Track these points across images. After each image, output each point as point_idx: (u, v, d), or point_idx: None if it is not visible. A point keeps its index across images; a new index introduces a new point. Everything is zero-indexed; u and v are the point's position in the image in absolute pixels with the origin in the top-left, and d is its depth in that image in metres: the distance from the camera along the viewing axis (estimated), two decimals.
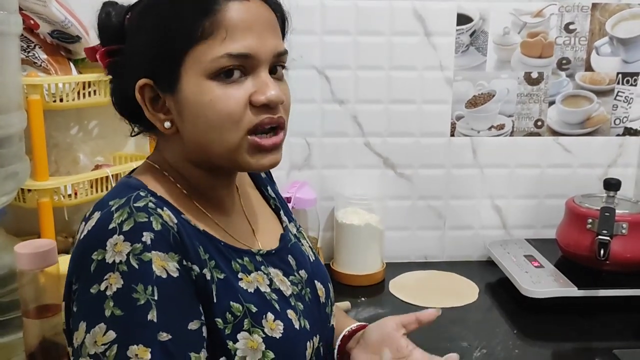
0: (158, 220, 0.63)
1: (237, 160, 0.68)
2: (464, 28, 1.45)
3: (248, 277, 0.71)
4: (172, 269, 0.62)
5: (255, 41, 0.66)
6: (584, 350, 1.16)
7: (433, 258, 1.56)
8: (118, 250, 0.60)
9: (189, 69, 0.65)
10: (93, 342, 0.59)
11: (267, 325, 0.69)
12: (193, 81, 0.65)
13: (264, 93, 0.67)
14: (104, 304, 0.59)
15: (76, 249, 0.64)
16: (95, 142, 1.36)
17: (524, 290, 1.26)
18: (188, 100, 0.66)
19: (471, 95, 1.49)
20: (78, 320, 0.61)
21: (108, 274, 0.60)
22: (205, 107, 0.65)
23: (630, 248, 1.28)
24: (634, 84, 1.50)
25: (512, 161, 1.53)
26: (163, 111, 0.68)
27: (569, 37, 1.47)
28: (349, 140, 1.48)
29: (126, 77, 0.68)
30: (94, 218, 0.64)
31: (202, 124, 0.66)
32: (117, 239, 0.60)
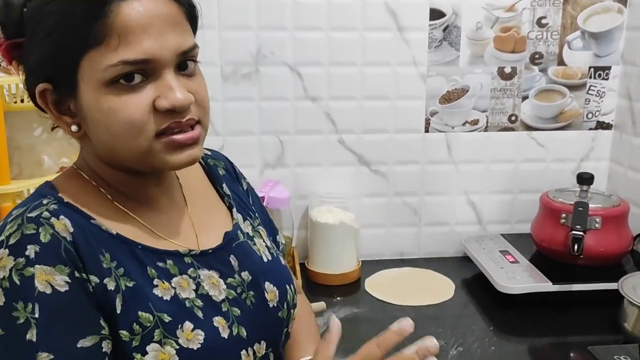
0: (48, 231, 0.60)
1: (152, 162, 0.65)
2: (437, 23, 1.44)
3: (164, 284, 0.67)
4: (59, 282, 0.59)
5: (154, 43, 0.61)
6: (559, 345, 1.16)
7: (409, 255, 1.55)
8: (2, 265, 0.58)
9: (85, 76, 0.62)
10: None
11: (182, 335, 0.65)
12: (90, 89, 0.62)
13: (167, 98, 0.62)
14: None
15: None
16: (60, 144, 1.32)
17: (499, 287, 1.26)
18: (88, 107, 0.63)
19: (445, 90, 1.48)
20: None
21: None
22: (105, 116, 0.62)
23: (603, 242, 1.29)
24: (605, 78, 1.51)
25: (486, 156, 1.52)
26: (69, 114, 0.65)
27: (541, 31, 1.47)
28: (322, 137, 1.47)
29: (26, 79, 0.66)
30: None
31: (105, 132, 0.63)
32: (2, 253, 0.59)
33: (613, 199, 1.36)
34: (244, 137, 1.44)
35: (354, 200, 1.45)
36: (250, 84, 1.41)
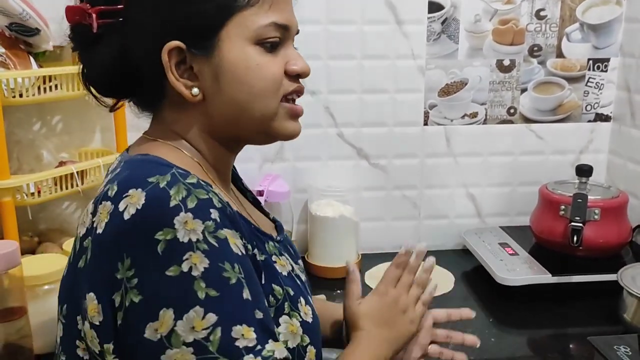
0: (216, 197, 0.59)
1: (271, 127, 0.67)
2: (436, 16, 1.44)
3: (281, 260, 0.69)
4: (240, 246, 0.59)
5: (291, 14, 0.68)
6: (559, 337, 1.16)
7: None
8: (190, 228, 0.55)
9: (232, 34, 0.63)
10: (190, 328, 0.53)
11: (302, 309, 0.67)
12: (238, 46, 0.63)
13: (297, 64, 0.68)
14: (194, 285, 0.53)
15: (119, 230, 0.56)
16: (60, 138, 1.32)
17: (499, 278, 1.26)
18: (231, 64, 0.64)
19: (444, 83, 1.48)
20: (155, 309, 0.53)
21: (187, 254, 0.54)
22: (251, 72, 0.64)
23: (602, 234, 1.29)
24: (604, 70, 1.51)
25: (485, 149, 1.52)
26: (187, 76, 0.65)
27: (539, 23, 1.47)
28: (321, 131, 1.47)
29: (133, 42, 0.63)
30: (134, 196, 0.56)
31: (245, 89, 0.64)
32: (186, 217, 0.55)
33: (612, 191, 1.37)
34: None
35: (353, 194, 1.45)
36: None
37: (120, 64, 0.65)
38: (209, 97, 0.65)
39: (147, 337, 0.54)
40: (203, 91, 0.65)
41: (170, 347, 0.53)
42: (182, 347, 0.53)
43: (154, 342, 0.53)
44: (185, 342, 0.53)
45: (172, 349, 0.53)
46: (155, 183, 0.57)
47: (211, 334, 0.53)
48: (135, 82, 0.66)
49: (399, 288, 0.78)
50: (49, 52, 1.23)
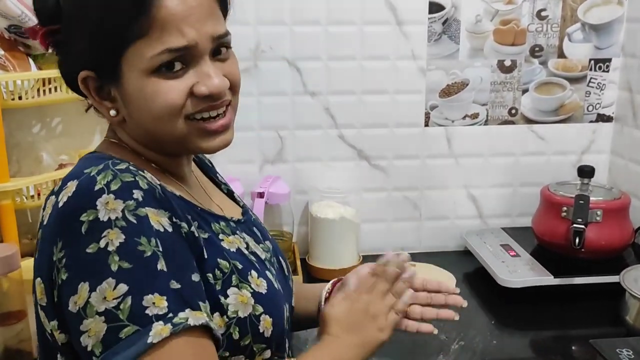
0: (143, 180, 0.63)
1: (187, 145, 0.70)
2: (436, 16, 1.43)
3: (228, 238, 0.73)
4: (165, 224, 0.62)
5: (194, 31, 0.65)
6: (561, 339, 1.16)
7: (410, 249, 1.55)
8: (111, 207, 0.59)
9: (130, 65, 0.65)
10: (102, 298, 0.57)
11: (252, 281, 0.70)
12: (134, 76, 0.65)
13: (206, 84, 0.67)
14: (108, 259, 0.58)
15: (55, 218, 0.62)
16: (59, 140, 1.31)
17: (501, 280, 1.25)
18: (132, 93, 0.67)
19: (444, 84, 1.47)
20: (75, 283, 0.58)
21: (106, 231, 0.58)
22: (148, 100, 0.66)
23: (604, 235, 1.29)
24: (606, 70, 1.50)
25: (486, 150, 1.52)
26: (109, 99, 0.69)
27: (541, 24, 1.46)
28: (322, 132, 1.46)
29: (68, 62, 0.69)
30: (70, 186, 0.62)
31: (146, 116, 0.67)
32: (108, 198, 0.59)
33: (614, 192, 1.36)
34: (243, 133, 1.44)
35: (354, 195, 1.45)
36: (249, 79, 1.40)
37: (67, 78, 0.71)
38: (127, 118, 0.70)
39: (70, 310, 0.59)
40: (121, 113, 0.69)
41: (86, 317, 0.58)
42: (95, 317, 0.57)
43: (74, 313, 0.58)
44: (97, 312, 0.57)
45: (87, 318, 0.58)
46: (88, 173, 0.62)
47: (121, 303, 0.57)
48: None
49: (372, 294, 0.78)
50: (48, 54, 1.22)
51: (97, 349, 0.57)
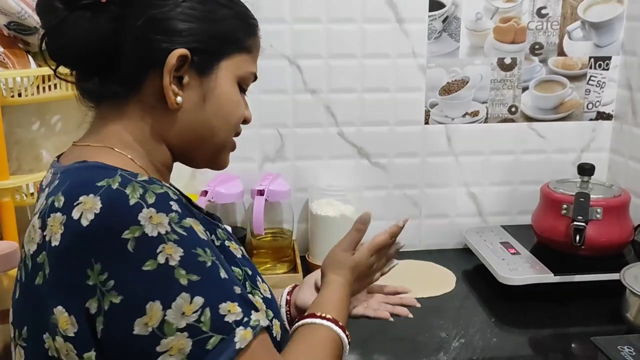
0: (170, 190, 0.61)
1: (218, 155, 0.73)
2: (437, 14, 1.43)
3: (232, 244, 0.73)
4: (203, 232, 0.62)
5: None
6: (561, 336, 1.16)
7: (410, 247, 1.55)
8: (156, 222, 0.56)
9: (227, 67, 0.69)
10: (180, 314, 0.55)
11: (260, 286, 0.72)
12: (228, 79, 0.69)
13: (249, 113, 0.75)
14: (174, 274, 0.55)
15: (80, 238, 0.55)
16: (59, 138, 1.31)
17: (501, 278, 1.25)
18: (221, 92, 0.69)
19: (445, 82, 1.47)
20: (139, 305, 0.54)
21: (160, 246, 0.55)
22: (232, 105, 0.70)
23: (605, 233, 1.29)
24: (606, 68, 1.50)
25: (486, 148, 1.52)
26: (176, 84, 0.66)
27: (541, 21, 1.46)
28: (322, 130, 1.46)
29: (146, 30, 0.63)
30: (87, 202, 0.56)
31: (222, 117, 0.70)
32: (149, 212, 0.56)
33: (614, 190, 1.36)
34: (243, 131, 1.40)
35: (354, 193, 1.44)
36: None
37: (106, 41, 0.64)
38: (186, 110, 0.67)
39: (137, 334, 0.55)
40: (184, 103, 0.67)
41: (164, 336, 0.55)
42: (176, 334, 0.55)
43: (146, 336, 0.54)
44: (178, 328, 0.55)
45: (167, 337, 0.55)
46: (107, 186, 0.57)
47: (201, 315, 0.56)
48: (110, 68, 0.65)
49: (377, 256, 0.88)
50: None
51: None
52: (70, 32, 0.64)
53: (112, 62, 0.65)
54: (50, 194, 0.60)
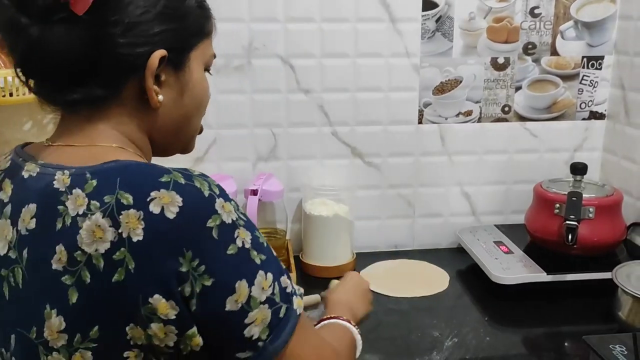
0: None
1: (191, 141, 0.78)
2: (430, 14, 1.43)
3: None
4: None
5: None
6: (554, 335, 1.16)
7: (403, 247, 1.55)
8: (227, 210, 0.62)
9: (196, 57, 0.72)
10: (260, 289, 0.63)
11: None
12: (200, 68, 0.74)
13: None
14: (250, 255, 0.63)
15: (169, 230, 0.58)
16: None
17: (494, 277, 1.26)
18: (195, 82, 0.73)
19: (438, 81, 1.47)
20: (230, 284, 0.61)
21: (236, 232, 0.62)
22: (203, 92, 0.75)
23: (597, 232, 1.29)
24: (598, 68, 1.51)
25: (480, 147, 1.52)
26: (157, 84, 0.69)
27: (534, 21, 1.47)
28: (315, 130, 1.46)
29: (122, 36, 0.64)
30: (162, 197, 0.59)
31: (197, 106, 0.75)
32: (221, 202, 0.62)
33: (606, 189, 1.36)
34: (237, 130, 1.43)
35: (347, 193, 1.44)
36: (242, 76, 1.39)
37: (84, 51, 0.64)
38: (166, 106, 0.71)
39: (229, 310, 0.61)
40: (164, 100, 0.70)
41: (251, 309, 0.62)
42: (259, 307, 0.62)
43: (236, 311, 0.61)
44: (261, 302, 0.63)
45: (252, 310, 0.62)
46: (172, 180, 0.61)
47: (274, 288, 0.64)
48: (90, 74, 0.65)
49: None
50: None
51: (264, 333, 0.63)
52: (49, 47, 0.63)
53: (91, 70, 0.65)
54: (99, 193, 0.60)
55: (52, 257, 0.60)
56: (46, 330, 0.60)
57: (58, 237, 0.60)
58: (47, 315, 0.60)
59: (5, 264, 0.64)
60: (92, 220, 0.59)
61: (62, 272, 0.59)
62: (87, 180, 0.61)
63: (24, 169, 0.66)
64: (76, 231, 0.59)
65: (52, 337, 0.60)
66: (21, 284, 0.63)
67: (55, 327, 0.60)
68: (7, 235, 0.64)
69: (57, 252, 0.59)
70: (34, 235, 0.62)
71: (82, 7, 0.61)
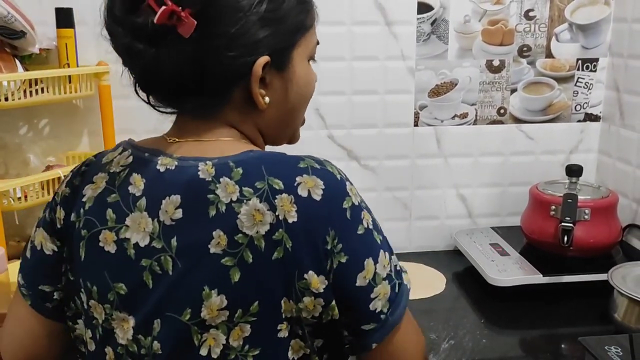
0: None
1: (296, 131, 0.80)
2: (425, 17, 1.43)
3: None
4: None
5: None
6: (550, 337, 1.16)
7: (400, 249, 1.55)
8: (354, 193, 0.68)
9: (299, 54, 0.73)
10: (382, 267, 0.67)
11: None
12: (303, 62, 0.74)
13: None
14: (373, 235, 0.68)
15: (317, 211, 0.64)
16: (47, 142, 1.31)
17: (490, 279, 1.26)
18: (299, 79, 0.73)
19: (434, 84, 1.47)
20: (361, 261, 0.66)
21: (362, 213, 0.67)
22: (310, 85, 0.76)
23: (593, 234, 1.29)
24: (593, 70, 1.51)
25: (476, 150, 1.52)
26: (262, 86, 0.71)
27: (529, 24, 1.47)
28: (312, 133, 1.46)
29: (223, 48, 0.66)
30: (307, 181, 0.65)
31: (304, 99, 0.76)
32: (349, 185, 0.68)
33: (602, 191, 1.37)
34: None
35: None
36: None
37: (194, 67, 0.67)
38: (274, 105, 0.73)
39: (359, 285, 0.66)
40: (270, 100, 0.72)
41: (375, 285, 0.67)
42: (382, 282, 0.67)
43: (364, 286, 0.66)
44: (383, 278, 0.67)
45: (377, 286, 0.67)
46: (310, 166, 0.67)
47: (391, 266, 0.69)
48: (199, 85, 0.68)
49: None
50: (35, 55, 1.22)
51: (385, 307, 0.67)
52: (162, 67, 0.67)
53: (201, 81, 0.68)
54: (248, 180, 0.65)
55: (210, 242, 0.64)
56: (204, 309, 0.64)
57: (213, 223, 0.64)
58: (205, 296, 0.64)
59: (149, 254, 0.67)
60: (250, 205, 0.64)
61: (221, 254, 0.64)
62: (232, 169, 0.66)
63: (159, 163, 0.69)
64: (234, 216, 0.63)
65: (210, 316, 0.65)
66: (171, 270, 0.66)
67: (216, 305, 0.64)
68: (146, 227, 0.67)
69: (214, 237, 0.64)
70: (182, 224, 0.65)
71: (187, 29, 0.64)
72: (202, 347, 0.66)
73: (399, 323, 0.69)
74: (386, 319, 0.68)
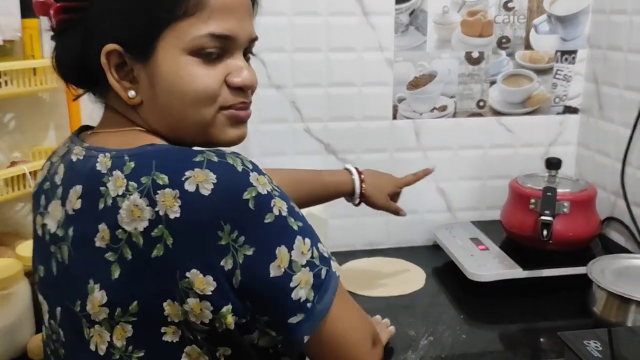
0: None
1: (212, 133, 0.71)
2: (403, 7, 1.41)
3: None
4: None
5: (236, 24, 0.69)
6: (530, 331, 1.15)
7: (379, 245, 1.53)
8: (262, 182, 0.64)
9: (167, 43, 0.67)
10: (300, 253, 0.65)
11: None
12: (171, 55, 0.67)
13: (240, 76, 0.70)
14: (288, 222, 0.65)
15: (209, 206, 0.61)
16: (12, 137, 1.26)
17: (470, 274, 1.24)
18: (164, 73, 0.67)
19: (412, 76, 1.45)
20: (271, 251, 0.64)
21: (272, 201, 0.64)
22: (183, 82, 0.67)
23: (572, 227, 1.29)
24: (572, 62, 1.50)
25: (455, 143, 1.51)
26: (128, 79, 0.68)
27: (507, 15, 1.46)
28: (288, 126, 1.43)
29: (87, 39, 0.68)
30: (196, 176, 0.61)
31: (177, 98, 0.68)
32: (255, 175, 0.64)
33: (581, 184, 1.36)
34: None
35: None
36: None
37: (72, 59, 0.69)
38: (146, 101, 0.69)
39: (273, 275, 0.63)
40: (141, 95, 0.69)
41: (294, 273, 0.64)
42: (302, 269, 0.65)
43: (280, 276, 0.64)
44: (302, 265, 0.65)
45: (296, 274, 0.65)
46: (206, 159, 0.63)
47: (313, 252, 0.66)
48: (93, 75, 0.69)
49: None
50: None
51: (310, 294, 0.65)
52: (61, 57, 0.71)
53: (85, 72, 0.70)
54: (136, 175, 0.63)
55: (96, 235, 0.63)
56: (89, 304, 0.64)
57: (101, 216, 0.63)
58: (90, 290, 0.64)
59: (55, 241, 0.69)
60: (130, 200, 0.62)
61: (105, 249, 0.63)
62: (125, 162, 0.64)
63: (73, 153, 0.70)
64: (117, 211, 0.62)
65: (93, 311, 0.64)
66: (67, 260, 0.67)
67: (97, 301, 0.64)
68: (57, 215, 0.69)
69: (100, 231, 0.63)
70: (79, 215, 0.66)
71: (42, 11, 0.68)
72: (90, 341, 0.66)
73: (328, 311, 0.67)
74: (313, 307, 0.65)
